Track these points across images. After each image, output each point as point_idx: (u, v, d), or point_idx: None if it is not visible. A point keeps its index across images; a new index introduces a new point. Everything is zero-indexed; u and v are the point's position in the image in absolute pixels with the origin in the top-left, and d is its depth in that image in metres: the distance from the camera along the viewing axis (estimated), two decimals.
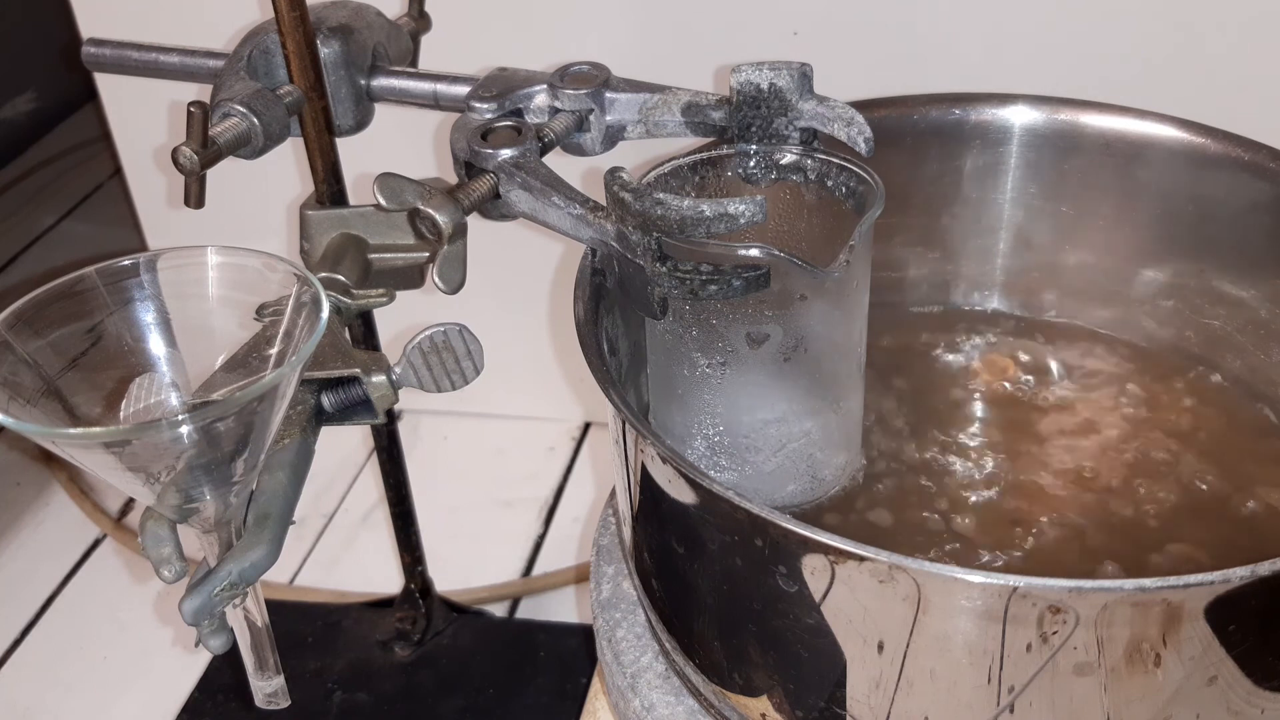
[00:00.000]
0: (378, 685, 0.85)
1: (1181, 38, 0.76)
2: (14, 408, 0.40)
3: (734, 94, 0.55)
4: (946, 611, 0.41)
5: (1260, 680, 0.43)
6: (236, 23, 0.70)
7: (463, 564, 0.94)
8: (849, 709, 0.45)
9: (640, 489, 0.50)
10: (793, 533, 0.41)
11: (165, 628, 0.93)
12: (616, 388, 0.47)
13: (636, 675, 0.56)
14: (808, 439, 0.55)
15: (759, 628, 0.46)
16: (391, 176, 0.52)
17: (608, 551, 0.62)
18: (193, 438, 0.39)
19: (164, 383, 0.45)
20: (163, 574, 0.45)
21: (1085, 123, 0.62)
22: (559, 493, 1.03)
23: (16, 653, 0.92)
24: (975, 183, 0.65)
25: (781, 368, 0.53)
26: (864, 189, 0.53)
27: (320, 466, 0.50)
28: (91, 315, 0.44)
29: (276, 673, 0.48)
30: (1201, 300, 0.63)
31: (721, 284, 0.48)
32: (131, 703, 0.87)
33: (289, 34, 0.60)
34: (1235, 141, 0.59)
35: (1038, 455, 0.59)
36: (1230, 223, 0.60)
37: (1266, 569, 0.38)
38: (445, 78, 0.62)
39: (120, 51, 0.66)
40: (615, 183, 0.49)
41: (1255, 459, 0.59)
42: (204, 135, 0.55)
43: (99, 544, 1.01)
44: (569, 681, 0.85)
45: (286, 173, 0.90)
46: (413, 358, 0.51)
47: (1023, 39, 0.78)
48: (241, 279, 0.44)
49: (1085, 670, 0.41)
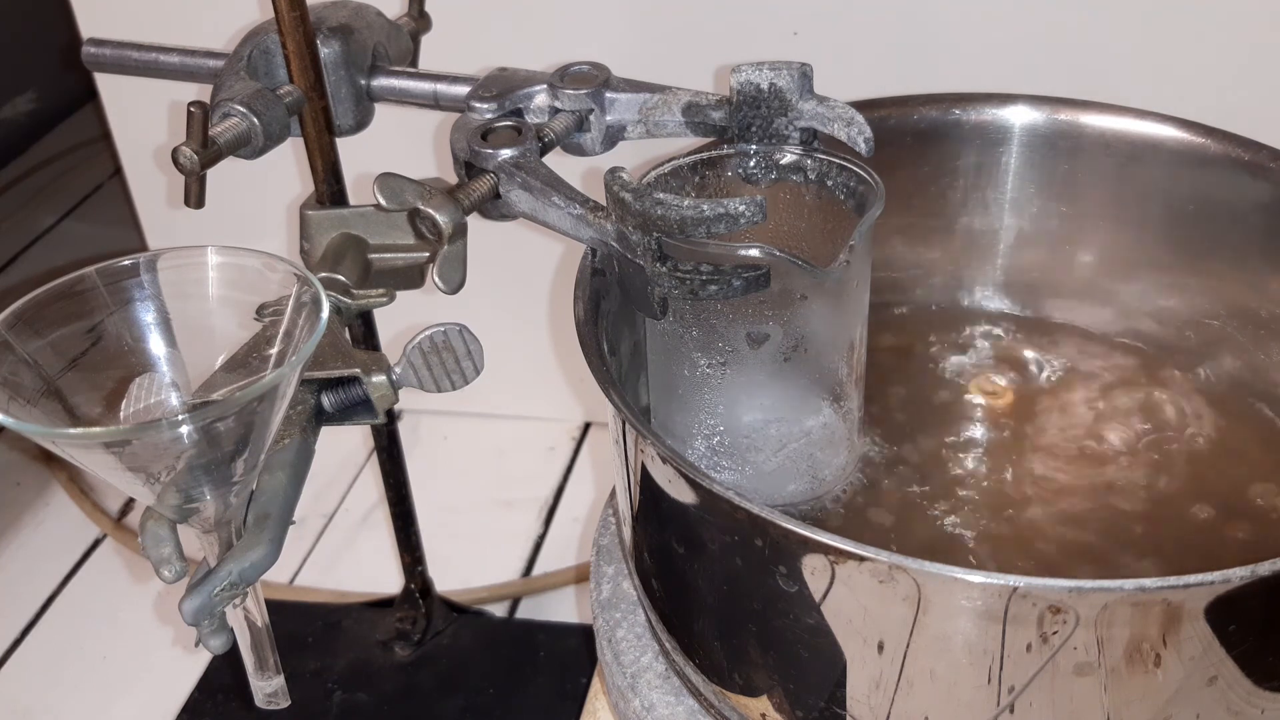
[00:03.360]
0: (378, 685, 0.85)
1: (1181, 38, 0.76)
2: (14, 408, 0.40)
3: (734, 94, 0.55)
4: (946, 611, 0.41)
5: (1260, 680, 0.43)
6: (236, 23, 0.70)
7: (463, 564, 0.94)
8: (849, 709, 0.45)
9: (640, 489, 0.50)
10: (793, 533, 0.41)
11: (165, 628, 0.93)
12: (616, 388, 0.47)
13: (636, 675, 0.56)
14: (808, 439, 0.55)
15: (759, 628, 0.46)
16: (391, 176, 0.52)
17: (608, 551, 0.62)
18: (193, 438, 0.39)
19: (164, 383, 0.45)
20: (163, 574, 0.45)
21: (1085, 123, 0.62)
22: (559, 493, 1.03)
23: (16, 653, 0.92)
24: (975, 183, 0.65)
25: (782, 368, 0.53)
26: (864, 189, 0.53)
27: (320, 466, 0.50)
28: (91, 315, 0.44)
29: (276, 673, 0.48)
30: (1201, 300, 0.63)
31: (721, 284, 0.48)
32: (131, 703, 0.87)
33: (289, 34, 0.60)
34: (1235, 141, 0.59)
35: (1037, 455, 0.59)
36: (1230, 223, 0.60)
37: (1266, 569, 0.38)
38: (445, 78, 0.62)
39: (120, 51, 0.66)
40: (615, 183, 0.49)
41: (1255, 459, 0.59)
42: (204, 135, 0.55)
43: (99, 544, 1.01)
44: (569, 681, 0.85)
45: (286, 173, 0.90)
46: (413, 358, 0.51)
47: (1023, 39, 0.78)
48: (241, 279, 0.44)
49: (1085, 670, 0.41)
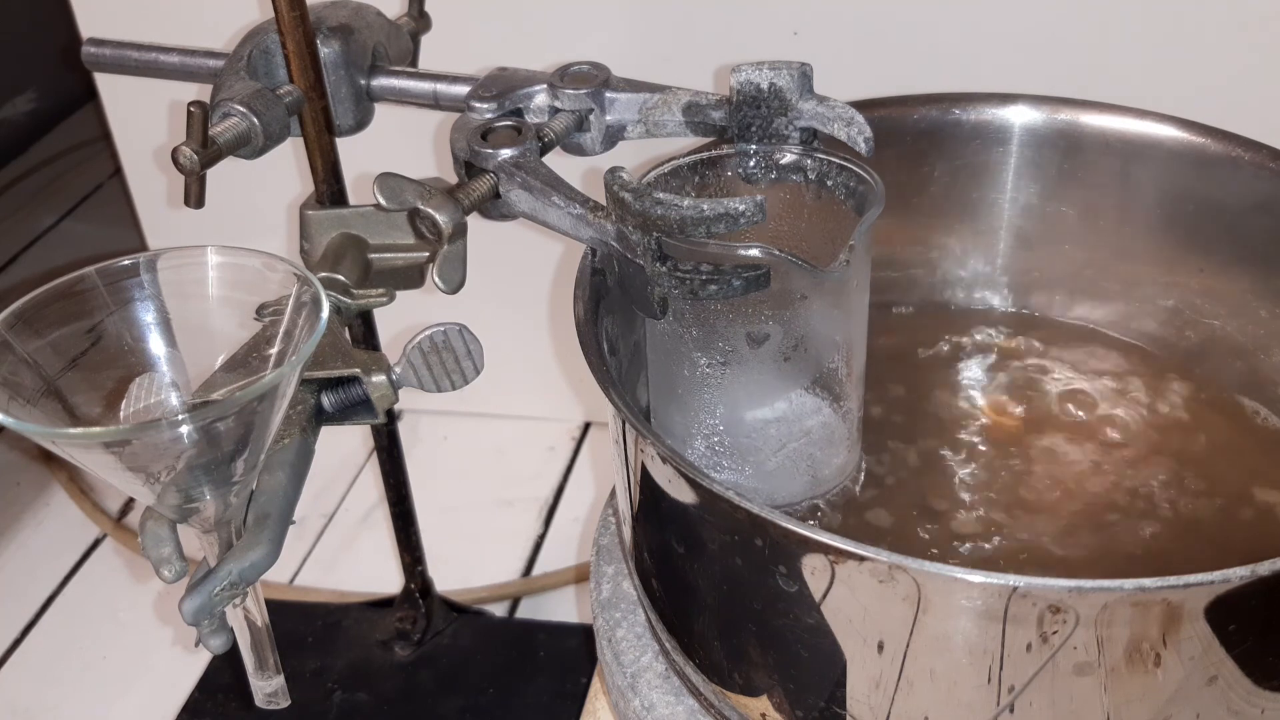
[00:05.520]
0: (378, 685, 0.85)
1: (1181, 38, 0.75)
2: (14, 408, 0.40)
3: (734, 94, 0.55)
4: (946, 611, 0.41)
5: (1260, 680, 0.43)
6: (236, 23, 0.70)
7: (463, 564, 0.94)
8: (849, 709, 0.45)
9: (640, 489, 0.50)
10: (793, 533, 0.41)
11: (165, 628, 0.93)
12: (616, 388, 0.47)
13: (636, 675, 0.56)
14: (808, 439, 0.55)
15: (759, 628, 0.46)
16: (391, 176, 0.52)
17: (608, 551, 0.62)
18: (193, 438, 0.39)
19: (164, 383, 0.45)
20: (163, 574, 0.45)
21: (1085, 123, 0.62)
22: (559, 493, 1.03)
23: (16, 653, 0.92)
24: (975, 183, 0.65)
25: (781, 367, 0.53)
26: (864, 189, 0.53)
27: (320, 466, 0.50)
28: (91, 315, 0.44)
29: (276, 673, 0.48)
30: (1201, 300, 0.63)
31: (721, 284, 0.48)
32: (131, 703, 0.87)
33: (289, 34, 0.60)
34: (1235, 141, 0.59)
35: (1037, 455, 0.59)
36: (1230, 223, 0.60)
37: (1266, 569, 0.38)
38: (445, 78, 0.62)
39: (120, 51, 0.66)
40: (615, 183, 0.49)
41: (1255, 459, 0.59)
42: (204, 135, 0.55)
43: (99, 544, 1.01)
44: (569, 681, 0.85)
45: (286, 173, 0.90)
46: (413, 358, 0.51)
47: (1023, 39, 0.78)
48: (241, 279, 0.44)
49: (1085, 670, 0.41)
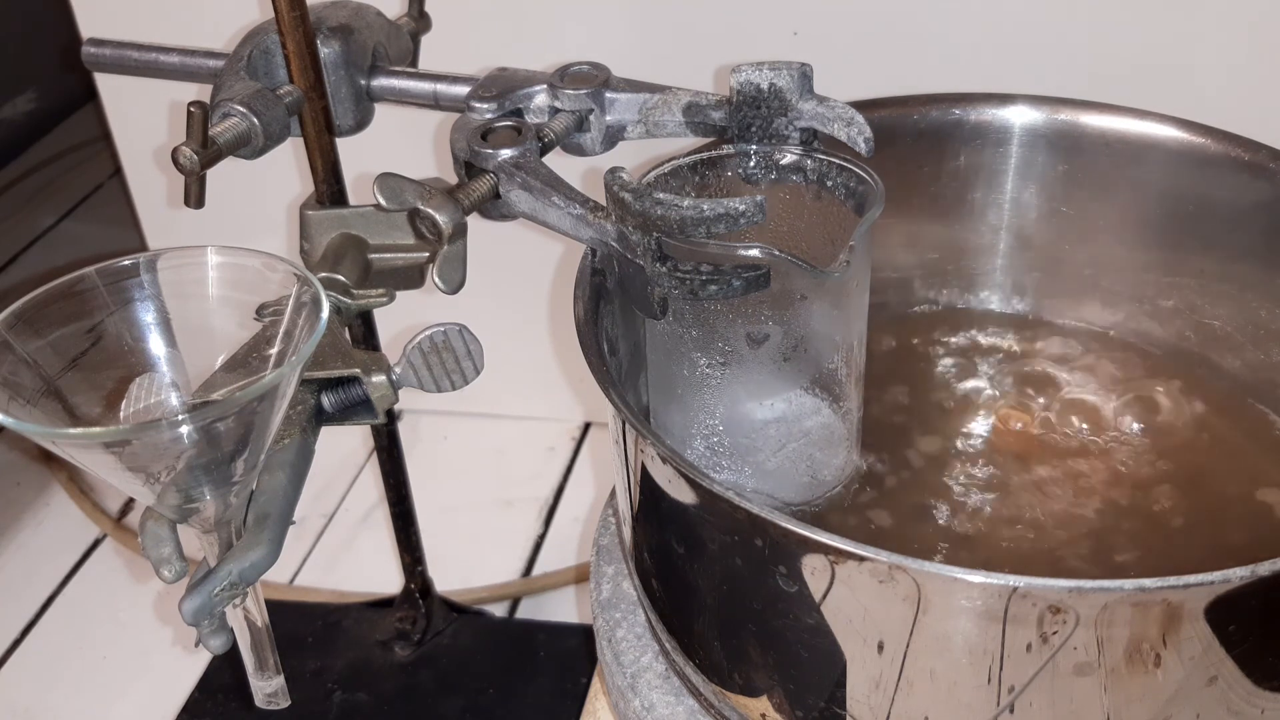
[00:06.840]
0: (378, 685, 0.85)
1: (1181, 38, 0.76)
2: (14, 408, 0.40)
3: (734, 94, 0.55)
4: (946, 611, 0.41)
5: (1260, 680, 0.43)
6: (236, 23, 0.70)
7: (463, 564, 0.94)
8: (849, 709, 0.45)
9: (640, 489, 0.50)
10: (793, 533, 0.41)
11: (165, 628, 0.93)
12: (616, 388, 0.47)
13: (636, 675, 0.56)
14: (808, 439, 0.55)
15: (759, 628, 0.46)
16: (391, 176, 0.52)
17: (608, 551, 0.62)
18: (193, 438, 0.39)
19: (164, 383, 0.45)
20: (163, 574, 0.45)
21: (1085, 123, 0.62)
22: (559, 493, 1.03)
23: (16, 653, 0.92)
24: (975, 183, 0.65)
25: (781, 368, 0.53)
26: (864, 189, 0.53)
27: (320, 466, 0.50)
28: (91, 315, 0.44)
29: (276, 673, 0.48)
30: (1201, 300, 0.63)
31: (721, 284, 0.48)
32: (131, 703, 0.87)
33: (289, 34, 0.60)
34: (1235, 141, 0.59)
35: (1038, 455, 0.59)
36: (1230, 223, 0.60)
37: (1266, 569, 0.38)
38: (445, 78, 0.62)
39: (120, 51, 0.66)
40: (615, 183, 0.49)
41: (1255, 459, 0.59)
42: (204, 135, 0.55)
43: (99, 544, 1.01)
44: (569, 681, 0.85)
45: (286, 173, 0.90)
46: (413, 358, 0.51)
47: (1023, 39, 0.78)
48: (241, 279, 0.44)
49: (1085, 670, 0.41)
